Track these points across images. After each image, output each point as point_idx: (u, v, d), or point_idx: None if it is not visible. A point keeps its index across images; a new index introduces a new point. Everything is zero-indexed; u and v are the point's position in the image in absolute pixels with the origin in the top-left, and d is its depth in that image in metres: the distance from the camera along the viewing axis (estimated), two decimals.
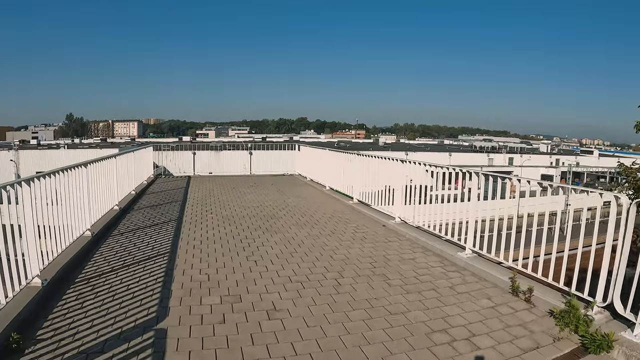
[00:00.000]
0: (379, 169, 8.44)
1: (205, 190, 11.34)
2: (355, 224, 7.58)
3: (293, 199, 9.91)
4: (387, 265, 5.41)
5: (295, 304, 4.15)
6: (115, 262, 5.18)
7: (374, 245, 6.30)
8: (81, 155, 25.16)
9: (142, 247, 5.84)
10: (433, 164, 6.84)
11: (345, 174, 9.95)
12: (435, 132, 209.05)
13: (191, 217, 7.82)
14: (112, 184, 7.83)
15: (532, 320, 3.92)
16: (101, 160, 7.05)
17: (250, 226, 7.20)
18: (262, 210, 8.61)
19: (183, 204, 9.20)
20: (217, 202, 9.50)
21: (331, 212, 8.52)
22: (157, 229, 6.81)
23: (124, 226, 6.97)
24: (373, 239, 6.65)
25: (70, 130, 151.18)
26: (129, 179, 9.72)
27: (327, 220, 7.80)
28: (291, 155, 15.70)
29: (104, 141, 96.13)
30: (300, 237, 6.59)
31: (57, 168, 5.03)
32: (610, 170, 53.05)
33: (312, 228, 7.16)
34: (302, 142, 17.92)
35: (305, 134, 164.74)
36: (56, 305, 3.94)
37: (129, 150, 10.17)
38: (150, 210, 8.36)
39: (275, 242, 6.24)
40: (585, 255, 4.00)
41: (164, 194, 10.49)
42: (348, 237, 6.65)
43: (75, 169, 5.67)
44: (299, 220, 7.69)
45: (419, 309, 4.16)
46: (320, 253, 5.79)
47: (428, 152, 61.31)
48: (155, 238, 6.28)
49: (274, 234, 6.74)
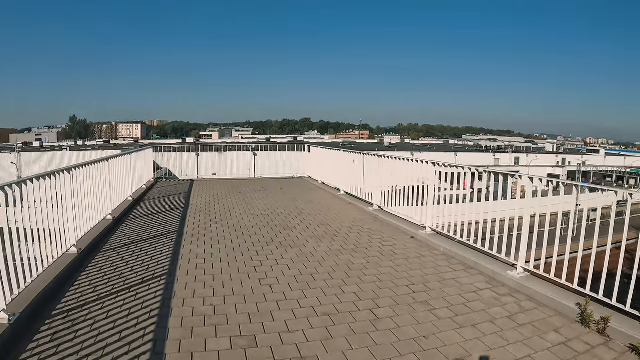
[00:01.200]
0: (403, 172, 7.53)
1: (209, 195, 10.46)
2: (380, 235, 6.67)
3: (306, 205, 9.01)
4: (427, 289, 4.51)
5: (326, 348, 3.25)
6: (102, 287, 4.30)
7: (407, 262, 5.39)
8: (83, 156, 24.37)
9: (135, 266, 4.95)
10: (472, 165, 5.96)
11: (364, 177, 9.03)
12: (439, 132, 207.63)
13: (193, 227, 6.93)
14: (104, 191, 6.96)
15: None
16: (90, 164, 6.18)
17: (261, 239, 6.30)
18: (273, 218, 7.71)
19: (185, 211, 8.31)
20: (223, 209, 8.61)
21: (350, 220, 7.61)
22: (154, 243, 5.92)
23: (117, 239, 6.09)
24: (404, 253, 5.74)
25: (74, 132, 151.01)
26: (125, 184, 8.85)
27: (347, 230, 6.90)
28: (299, 157, 14.77)
29: (107, 143, 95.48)
30: (320, 252, 5.68)
31: (30, 176, 4.15)
32: (618, 170, 52.73)
33: (332, 241, 6.26)
34: (312, 143, 16.99)
35: (308, 134, 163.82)
36: (25, 349, 3.08)
37: (125, 152, 9.29)
38: (148, 219, 7.47)
39: (292, 260, 5.33)
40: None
41: (164, 200, 9.62)
42: (375, 253, 5.74)
43: (57, 175, 4.79)
44: (316, 232, 6.79)
45: (480, 349, 3.29)
46: (346, 274, 4.89)
47: (434, 152, 60.44)
48: (151, 255, 5.39)
49: (289, 248, 5.84)
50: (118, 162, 8.06)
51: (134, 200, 9.15)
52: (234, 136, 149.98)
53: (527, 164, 57.36)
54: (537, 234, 4.49)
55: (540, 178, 4.80)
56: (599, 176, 53.01)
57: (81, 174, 5.68)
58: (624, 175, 51.78)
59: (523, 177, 4.94)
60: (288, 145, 15.57)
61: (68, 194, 5.08)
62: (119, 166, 8.16)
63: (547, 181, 4.74)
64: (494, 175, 5.61)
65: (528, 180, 4.81)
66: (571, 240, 4.32)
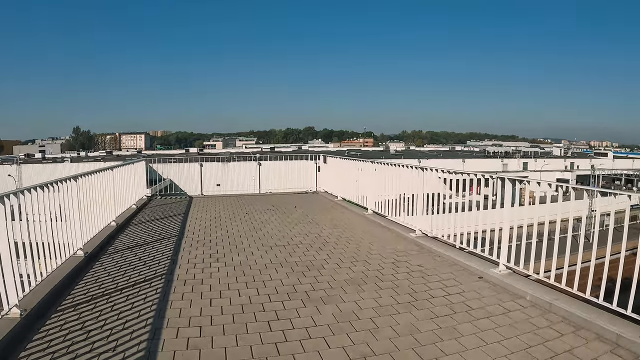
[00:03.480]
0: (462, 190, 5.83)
1: (210, 216, 8.77)
2: (437, 276, 4.94)
3: (330, 231, 7.28)
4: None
5: None
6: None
7: (492, 323, 3.69)
8: (83, 168, 23.18)
9: (98, 340, 3.25)
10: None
11: (400, 195, 7.32)
12: (443, 139, 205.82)
13: (187, 269, 5.20)
14: (73, 219, 5.33)
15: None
16: (46, 186, 4.53)
17: (280, 287, 4.56)
18: (292, 252, 5.97)
19: (178, 241, 6.62)
20: (226, 237, 6.90)
21: (391, 253, 5.88)
22: (131, 297, 4.20)
23: (82, 291, 4.40)
24: (482, 308, 4.03)
25: (77, 143, 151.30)
26: (107, 207, 7.20)
27: (392, 269, 5.17)
28: (313, 168, 12.99)
29: (109, 154, 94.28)
30: (366, 311, 3.94)
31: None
32: (627, 173, 51.11)
33: (378, 288, 4.53)
34: (323, 152, 15.26)
35: (313, 143, 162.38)
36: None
37: (107, 167, 7.63)
38: (129, 254, 5.78)
39: (330, 328, 3.59)
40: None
41: (155, 225, 7.92)
42: (443, 309, 4.01)
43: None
44: (351, 272, 5.06)
45: None
46: (417, 354, 3.17)
47: (441, 158, 58.92)
48: (124, 318, 3.68)
49: (320, 304, 4.10)
50: (94, 181, 6.41)
51: (117, 225, 7.49)
52: (237, 146, 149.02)
53: (535, 168, 55.84)
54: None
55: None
56: (607, 179, 51.48)
57: (34, 198, 4.06)
58: (633, 179, 50.45)
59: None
60: (299, 155, 13.85)
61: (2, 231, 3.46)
62: (95, 185, 6.51)
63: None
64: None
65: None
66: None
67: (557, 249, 4.26)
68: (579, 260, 4.01)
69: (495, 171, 10.16)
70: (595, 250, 3.85)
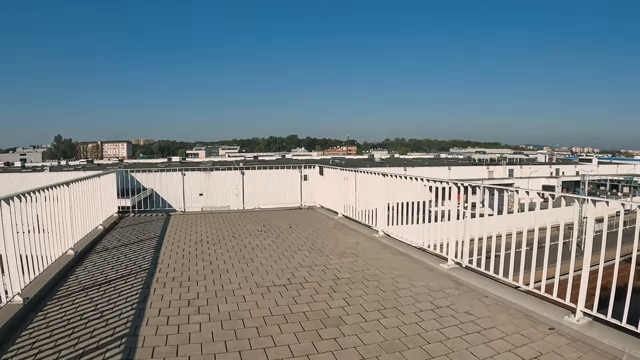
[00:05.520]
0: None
1: (189, 240, 7.33)
2: (497, 330, 3.66)
3: (338, 260, 5.92)
4: None
5: None
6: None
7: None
8: (61, 177, 21.61)
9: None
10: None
11: (423, 214, 6.05)
12: (426, 146, 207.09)
13: (157, 325, 3.78)
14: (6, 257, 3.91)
15: None
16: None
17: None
18: (297, 295, 4.56)
19: (148, 279, 5.16)
20: (209, 271, 5.46)
21: (425, 294, 4.57)
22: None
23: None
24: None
25: (59, 152, 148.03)
26: (59, 234, 5.72)
27: (436, 322, 3.85)
28: (306, 180, 11.64)
29: (90, 163, 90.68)
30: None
31: None
32: (612, 178, 51.44)
33: (429, 358, 3.21)
34: (312, 162, 13.93)
35: (296, 151, 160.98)
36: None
37: (61, 182, 6.13)
38: (83, 299, 4.32)
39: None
40: None
41: (122, 253, 6.44)
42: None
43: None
44: (384, 330, 3.71)
45: None
46: None
47: (426, 166, 58.18)
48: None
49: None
50: (41, 201, 4.96)
51: (76, 254, 6.03)
52: (220, 154, 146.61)
53: (521, 175, 55.71)
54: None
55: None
56: (593, 185, 51.94)
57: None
58: (618, 184, 50.89)
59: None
60: (291, 164, 12.45)
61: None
62: (43, 206, 5.06)
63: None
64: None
65: None
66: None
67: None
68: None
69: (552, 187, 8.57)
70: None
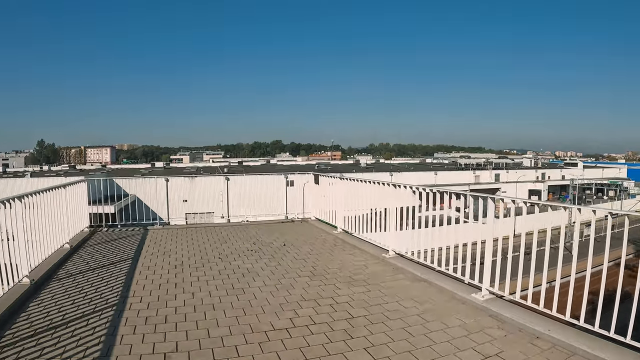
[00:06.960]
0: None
1: (167, 265, 6.23)
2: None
3: (348, 291, 4.92)
4: None
5: None
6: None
7: None
8: (40, 183, 20.74)
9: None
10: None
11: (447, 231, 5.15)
12: (410, 151, 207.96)
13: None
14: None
15: None
16: None
17: None
18: (305, 345, 3.53)
19: (115, 318, 4.11)
20: (190, 309, 4.42)
21: (463, 337, 3.64)
22: None
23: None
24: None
25: (42, 157, 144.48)
26: (11, 258, 4.64)
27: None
28: (298, 189, 10.61)
29: (72, 168, 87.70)
30: None
31: None
32: (597, 182, 51.98)
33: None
34: (297, 167, 13.02)
35: (281, 156, 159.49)
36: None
37: (15, 195, 5.04)
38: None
39: None
40: None
41: (88, 280, 5.34)
42: None
43: None
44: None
45: None
46: None
47: (412, 172, 57.73)
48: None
49: None
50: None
51: (33, 283, 4.98)
52: (205, 160, 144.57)
53: (507, 180, 55.77)
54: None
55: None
56: (578, 189, 52.52)
57: None
58: (603, 187, 51.48)
59: None
60: (282, 171, 11.46)
61: None
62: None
63: None
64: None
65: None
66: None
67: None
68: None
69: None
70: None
